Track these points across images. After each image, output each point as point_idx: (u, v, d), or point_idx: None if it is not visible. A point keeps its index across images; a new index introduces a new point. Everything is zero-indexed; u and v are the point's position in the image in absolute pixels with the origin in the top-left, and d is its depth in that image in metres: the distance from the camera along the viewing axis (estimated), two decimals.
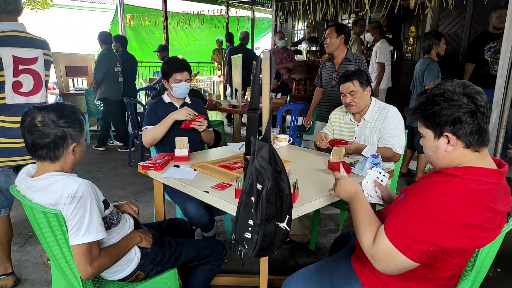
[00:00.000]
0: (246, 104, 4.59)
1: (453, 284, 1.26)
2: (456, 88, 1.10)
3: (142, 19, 9.58)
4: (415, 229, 1.08)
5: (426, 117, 1.15)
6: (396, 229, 1.11)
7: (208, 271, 1.84)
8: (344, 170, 1.71)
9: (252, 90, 1.38)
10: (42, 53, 2.17)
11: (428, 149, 1.20)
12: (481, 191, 1.08)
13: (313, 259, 2.60)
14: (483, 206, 1.07)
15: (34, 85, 2.14)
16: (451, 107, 1.09)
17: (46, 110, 1.36)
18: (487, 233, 1.09)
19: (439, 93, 1.12)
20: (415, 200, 1.12)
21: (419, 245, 1.08)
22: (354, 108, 2.38)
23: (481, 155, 1.14)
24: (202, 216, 2.18)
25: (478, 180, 1.09)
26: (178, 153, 2.15)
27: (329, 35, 3.31)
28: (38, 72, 2.15)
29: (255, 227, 1.21)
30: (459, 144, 1.12)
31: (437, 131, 1.14)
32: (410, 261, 1.09)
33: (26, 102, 2.10)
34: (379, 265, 1.15)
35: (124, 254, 1.51)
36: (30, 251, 2.65)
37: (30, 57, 2.11)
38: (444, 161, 1.16)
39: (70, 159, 1.42)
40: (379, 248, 1.14)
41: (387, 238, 1.12)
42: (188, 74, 2.48)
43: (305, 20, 8.59)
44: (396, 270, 1.13)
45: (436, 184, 1.12)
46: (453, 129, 1.10)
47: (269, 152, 1.22)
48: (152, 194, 3.65)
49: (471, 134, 1.10)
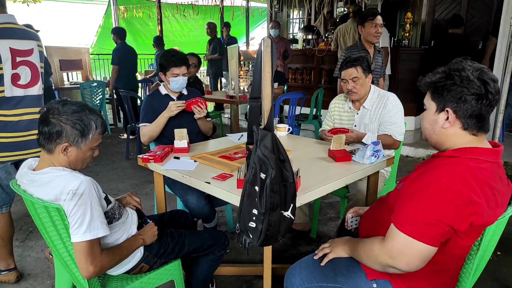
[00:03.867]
0: (244, 95, 4.56)
1: (458, 267, 1.27)
2: (474, 70, 1.11)
3: (136, 11, 9.45)
4: (425, 214, 1.08)
5: (436, 89, 1.16)
6: (405, 220, 1.11)
7: (211, 262, 1.84)
8: None
9: (254, 78, 1.37)
10: (36, 45, 2.14)
11: (426, 122, 1.21)
12: (480, 169, 1.10)
13: (315, 247, 2.61)
14: (484, 183, 1.08)
15: (32, 77, 2.12)
16: (462, 85, 1.09)
17: (64, 103, 1.37)
18: (491, 210, 1.11)
19: (457, 68, 1.12)
20: (418, 187, 1.12)
21: (432, 228, 1.08)
22: (355, 95, 2.37)
23: (478, 139, 1.15)
24: (203, 207, 2.18)
25: (476, 159, 1.11)
26: (177, 144, 2.14)
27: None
28: (34, 64, 2.13)
29: (259, 216, 1.21)
30: (457, 123, 1.13)
31: (440, 105, 1.15)
32: (428, 247, 1.09)
33: (24, 94, 2.09)
34: (401, 261, 1.12)
35: (126, 256, 1.50)
36: (31, 246, 2.65)
37: (26, 49, 2.08)
38: (440, 136, 1.17)
39: (62, 158, 1.39)
40: (394, 244, 1.12)
41: (400, 232, 1.11)
42: (186, 68, 2.45)
43: (300, 8, 8.52)
44: (419, 261, 1.11)
45: (438, 168, 1.12)
46: (456, 107, 1.11)
47: (272, 141, 1.21)
48: (151, 186, 3.66)
49: (470, 116, 1.11)
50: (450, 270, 1.27)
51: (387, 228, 1.19)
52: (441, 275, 1.26)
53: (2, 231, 2.17)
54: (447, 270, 1.26)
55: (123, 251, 1.47)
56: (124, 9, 9.20)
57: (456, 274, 1.30)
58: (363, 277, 1.34)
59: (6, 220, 2.17)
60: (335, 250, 1.40)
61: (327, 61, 6.04)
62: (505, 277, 2.25)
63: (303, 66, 6.37)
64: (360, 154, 1.96)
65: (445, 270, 1.25)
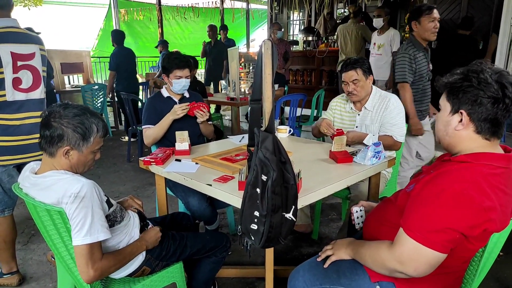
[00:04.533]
0: (244, 97, 4.57)
1: (463, 270, 1.27)
2: (493, 73, 1.08)
3: (136, 14, 9.48)
4: (436, 221, 1.06)
5: (452, 90, 1.13)
6: (416, 226, 1.09)
7: (213, 264, 1.84)
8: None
9: (254, 80, 1.37)
10: (38, 48, 2.14)
11: (440, 123, 1.19)
12: (493, 175, 1.07)
13: (317, 249, 2.61)
14: (497, 189, 1.06)
15: (33, 81, 2.11)
16: (480, 88, 1.07)
17: (65, 107, 1.37)
18: (504, 216, 1.09)
19: (475, 69, 1.10)
20: (430, 192, 1.09)
21: (442, 235, 1.06)
22: (355, 97, 2.37)
23: (491, 144, 1.13)
24: (205, 210, 2.18)
25: (489, 165, 1.08)
26: (179, 147, 2.14)
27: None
28: (36, 68, 2.13)
29: (261, 218, 1.21)
30: (470, 126, 1.11)
31: (455, 106, 1.13)
32: (438, 254, 1.07)
33: (26, 98, 2.08)
34: (410, 267, 1.11)
35: (129, 261, 1.49)
36: (33, 249, 2.65)
37: (28, 53, 2.08)
38: (453, 138, 1.15)
39: (64, 161, 1.39)
40: (403, 249, 1.11)
41: (409, 238, 1.09)
42: (189, 70, 2.46)
43: (300, 10, 8.54)
44: (427, 268, 1.10)
45: (450, 174, 1.10)
46: (471, 109, 1.09)
47: (273, 142, 1.21)
48: (153, 189, 3.66)
49: (484, 120, 1.08)
50: (455, 272, 1.26)
51: (391, 229, 1.18)
52: (445, 278, 1.25)
53: (5, 234, 2.17)
54: (451, 273, 1.25)
55: (125, 256, 1.46)
56: (124, 12, 9.23)
57: (461, 276, 1.29)
58: (366, 279, 1.33)
59: (8, 224, 2.18)
60: (337, 253, 1.39)
61: (327, 63, 6.04)
62: (508, 278, 2.24)
63: (303, 67, 6.38)
64: (361, 155, 1.96)
65: (450, 272, 1.24)
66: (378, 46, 4.91)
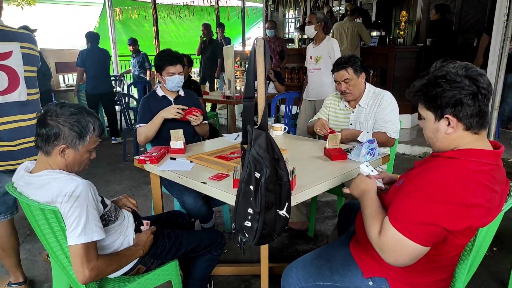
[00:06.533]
0: (240, 95, 4.56)
1: (453, 264, 1.28)
2: (459, 70, 1.09)
3: (131, 12, 9.44)
4: (420, 214, 1.07)
5: (428, 99, 1.14)
6: (400, 217, 1.11)
7: (208, 261, 1.85)
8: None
9: (247, 78, 1.37)
10: (18, 46, 1.91)
11: (428, 131, 1.19)
12: (480, 172, 1.08)
13: (312, 246, 2.62)
14: (483, 186, 1.07)
15: (9, 83, 1.89)
16: (453, 89, 1.08)
17: (62, 106, 1.37)
18: (489, 212, 1.10)
19: (441, 75, 1.11)
20: (416, 186, 1.11)
21: (425, 228, 1.07)
22: (349, 96, 2.38)
23: (479, 137, 1.14)
24: (200, 208, 2.19)
25: (477, 161, 1.09)
26: (174, 145, 2.14)
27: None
28: (12, 68, 1.90)
29: (255, 216, 1.22)
30: (460, 126, 1.11)
31: (438, 113, 1.13)
32: (419, 247, 1.08)
33: (2, 101, 1.87)
34: (390, 256, 1.12)
35: (125, 265, 1.49)
36: (29, 249, 2.64)
37: (2, 52, 1.86)
38: (444, 143, 1.16)
39: (60, 160, 1.39)
40: (386, 238, 1.12)
41: (393, 227, 1.11)
42: (181, 66, 2.45)
43: (295, 8, 8.54)
44: (407, 259, 1.11)
45: (437, 168, 1.12)
46: (454, 111, 1.09)
47: (266, 140, 1.21)
48: (148, 188, 3.66)
49: (472, 116, 1.09)
50: (446, 266, 1.27)
51: None
52: (437, 272, 1.27)
53: (2, 241, 2.04)
54: (442, 267, 1.26)
55: (121, 259, 1.46)
56: (119, 11, 9.18)
57: (452, 270, 1.30)
58: (359, 275, 1.35)
59: (5, 230, 2.04)
60: (352, 190, 1.42)
61: None
62: (501, 272, 2.26)
63: (299, 65, 6.38)
64: (355, 152, 1.97)
65: (441, 266, 1.26)
66: (316, 59, 3.97)
